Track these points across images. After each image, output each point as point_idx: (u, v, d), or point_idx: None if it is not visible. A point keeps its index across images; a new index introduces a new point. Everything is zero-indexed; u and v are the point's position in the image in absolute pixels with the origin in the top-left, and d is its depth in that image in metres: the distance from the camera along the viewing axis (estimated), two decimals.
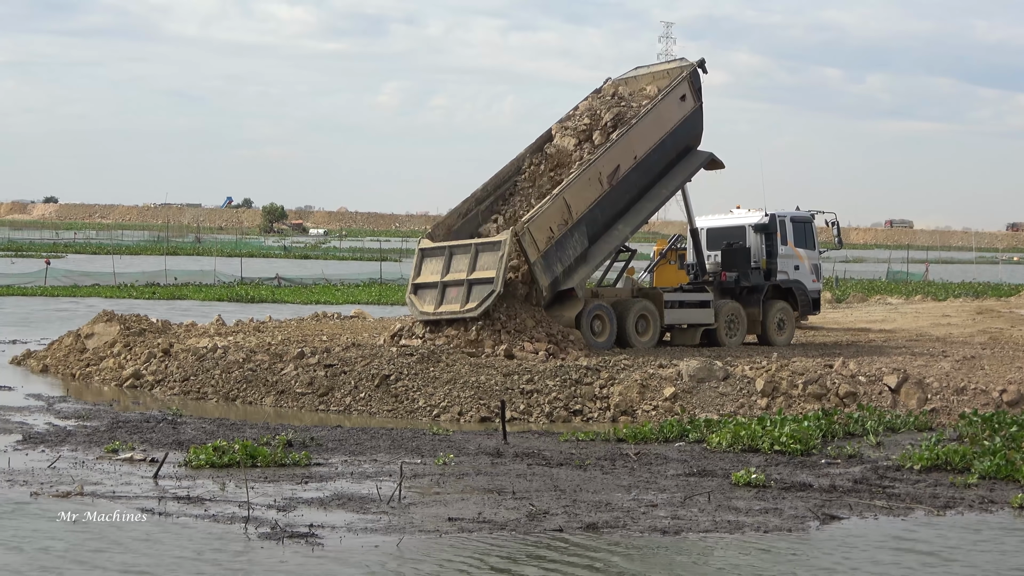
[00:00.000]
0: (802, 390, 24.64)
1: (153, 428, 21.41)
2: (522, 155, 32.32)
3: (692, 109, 32.29)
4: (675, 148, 32.08)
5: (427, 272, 29.49)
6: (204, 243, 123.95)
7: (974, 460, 18.22)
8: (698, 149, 32.81)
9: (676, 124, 31.87)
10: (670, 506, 15.58)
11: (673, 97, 31.89)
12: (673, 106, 31.90)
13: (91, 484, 16.33)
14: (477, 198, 31.54)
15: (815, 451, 19.72)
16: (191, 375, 27.40)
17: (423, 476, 17.30)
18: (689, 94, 32.23)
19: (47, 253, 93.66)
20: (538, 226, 28.64)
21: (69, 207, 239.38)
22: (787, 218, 34.11)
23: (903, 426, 22.32)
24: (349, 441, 20.27)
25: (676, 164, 32.22)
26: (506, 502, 15.60)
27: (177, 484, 16.49)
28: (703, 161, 32.72)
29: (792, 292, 33.72)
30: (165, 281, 64.15)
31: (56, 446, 19.43)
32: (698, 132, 32.67)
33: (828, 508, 15.60)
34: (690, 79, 32.25)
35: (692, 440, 20.86)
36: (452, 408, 24.34)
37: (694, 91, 32.36)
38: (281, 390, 25.91)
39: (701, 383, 24.93)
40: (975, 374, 25.94)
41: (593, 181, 30.02)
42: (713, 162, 32.91)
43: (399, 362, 25.76)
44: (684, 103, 32.13)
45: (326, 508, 15.16)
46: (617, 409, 24.51)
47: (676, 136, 31.96)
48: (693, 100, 32.31)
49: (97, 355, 30.29)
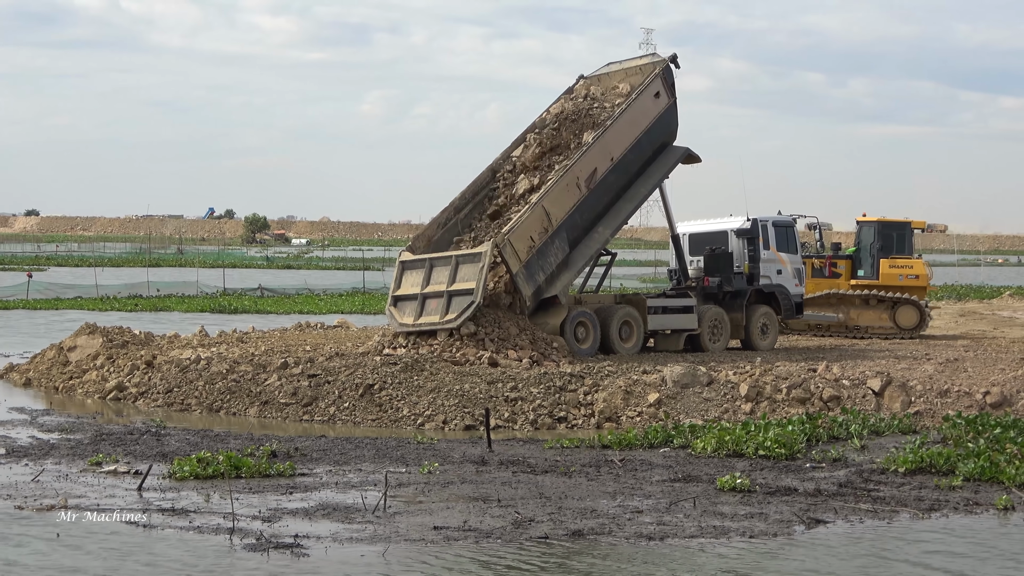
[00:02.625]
0: (786, 394, 24.68)
1: (137, 440, 21.35)
2: (497, 161, 32.29)
3: (667, 105, 32.17)
4: (651, 146, 32.00)
5: (407, 284, 29.43)
6: (186, 254, 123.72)
7: (958, 462, 18.25)
8: (674, 145, 32.72)
9: (651, 122, 31.79)
10: (655, 512, 15.58)
11: (647, 95, 31.77)
12: (648, 104, 31.78)
13: (75, 497, 16.27)
14: (456, 207, 31.49)
15: (800, 455, 19.75)
16: (174, 387, 27.33)
17: (408, 485, 17.28)
18: (663, 90, 32.10)
19: (29, 266, 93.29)
20: (519, 236, 28.59)
21: (50, 220, 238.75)
22: (769, 222, 34.15)
23: (887, 429, 22.36)
24: (334, 451, 20.24)
25: (653, 162, 32.13)
26: (491, 510, 15.58)
27: (161, 496, 16.44)
28: (680, 157, 32.63)
29: (775, 296, 33.76)
30: (148, 293, 63.94)
31: (39, 459, 19.36)
32: (673, 128, 32.58)
33: (813, 512, 15.62)
34: (663, 75, 32.12)
35: (677, 446, 20.87)
36: (436, 417, 24.31)
37: (667, 87, 32.22)
38: (265, 400, 25.86)
39: (685, 389, 24.95)
40: (958, 376, 25.99)
41: (571, 186, 29.96)
42: (690, 157, 32.82)
43: (383, 371, 25.73)
44: (658, 100, 32.02)
45: (311, 518, 15.12)
46: (602, 416, 24.51)
47: (652, 134, 31.87)
48: (667, 96, 32.18)
49: (80, 368, 30.20)
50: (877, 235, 39.05)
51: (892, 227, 39.45)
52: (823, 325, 37.44)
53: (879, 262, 38.68)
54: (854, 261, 39.35)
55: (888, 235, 39.21)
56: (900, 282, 38.39)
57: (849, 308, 38.00)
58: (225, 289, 66.78)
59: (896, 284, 38.36)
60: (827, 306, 37.89)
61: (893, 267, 38.57)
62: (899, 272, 38.51)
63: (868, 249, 39.03)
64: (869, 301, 38.12)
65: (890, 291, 38.03)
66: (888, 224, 39.42)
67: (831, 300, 38.03)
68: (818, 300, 37.73)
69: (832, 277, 38.84)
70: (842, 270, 39.10)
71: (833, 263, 39.00)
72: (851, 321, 37.74)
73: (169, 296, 62.94)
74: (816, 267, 38.79)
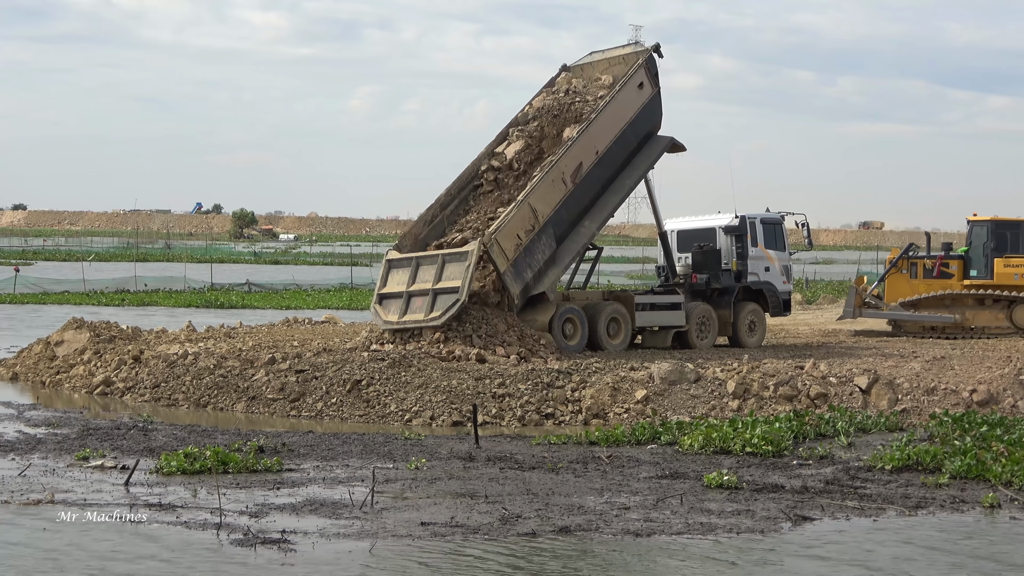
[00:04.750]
0: (773, 392, 24.70)
1: (124, 435, 21.31)
2: (481, 157, 32.22)
3: (650, 95, 32.07)
4: (636, 137, 31.95)
5: (393, 282, 29.40)
6: (174, 249, 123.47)
7: (945, 460, 18.29)
8: (659, 135, 32.68)
9: (636, 113, 31.71)
10: (642, 509, 15.59)
11: (631, 86, 31.68)
12: (632, 95, 31.69)
13: (62, 492, 16.23)
14: (442, 203, 31.44)
15: (787, 452, 19.76)
16: (162, 382, 27.30)
17: (395, 481, 17.27)
18: (646, 81, 32.00)
19: (16, 260, 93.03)
20: (505, 235, 28.55)
21: (38, 214, 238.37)
22: (757, 220, 34.19)
23: (874, 427, 22.38)
24: (321, 446, 20.22)
25: (638, 153, 32.10)
26: (479, 506, 15.58)
27: (148, 491, 16.42)
28: (665, 146, 32.60)
29: (763, 293, 33.79)
30: (135, 287, 63.81)
31: (26, 454, 19.32)
32: (658, 118, 32.52)
33: (800, 509, 15.63)
34: (646, 65, 32.03)
35: (664, 443, 20.88)
36: (424, 412, 24.31)
37: (651, 77, 32.13)
38: (252, 396, 25.84)
39: (673, 385, 24.97)
40: (945, 374, 26.02)
41: (557, 182, 29.92)
42: (675, 145, 32.80)
43: (370, 367, 25.72)
44: (642, 90, 31.92)
45: (298, 514, 15.11)
46: (589, 412, 24.52)
47: (636, 125, 31.81)
48: (651, 86, 32.09)
49: (67, 362, 30.15)
50: (991, 235, 38.70)
51: (1006, 226, 39.00)
52: (938, 326, 37.16)
53: (993, 262, 38.31)
54: (966, 261, 38.90)
55: (1002, 234, 38.73)
56: (1016, 281, 37.98)
57: (964, 309, 37.64)
58: (213, 284, 66.70)
59: (1012, 283, 37.95)
60: (940, 307, 37.44)
61: (1008, 266, 38.07)
62: (1014, 271, 38.06)
63: (982, 249, 38.66)
64: (984, 301, 37.79)
65: (1006, 290, 37.72)
66: (1002, 223, 39.00)
67: (944, 301, 37.57)
68: (930, 301, 37.37)
69: (942, 278, 38.33)
70: (954, 271, 38.55)
71: (944, 264, 38.57)
72: (966, 322, 37.40)
73: (156, 291, 62.84)
74: (927, 268, 38.49)
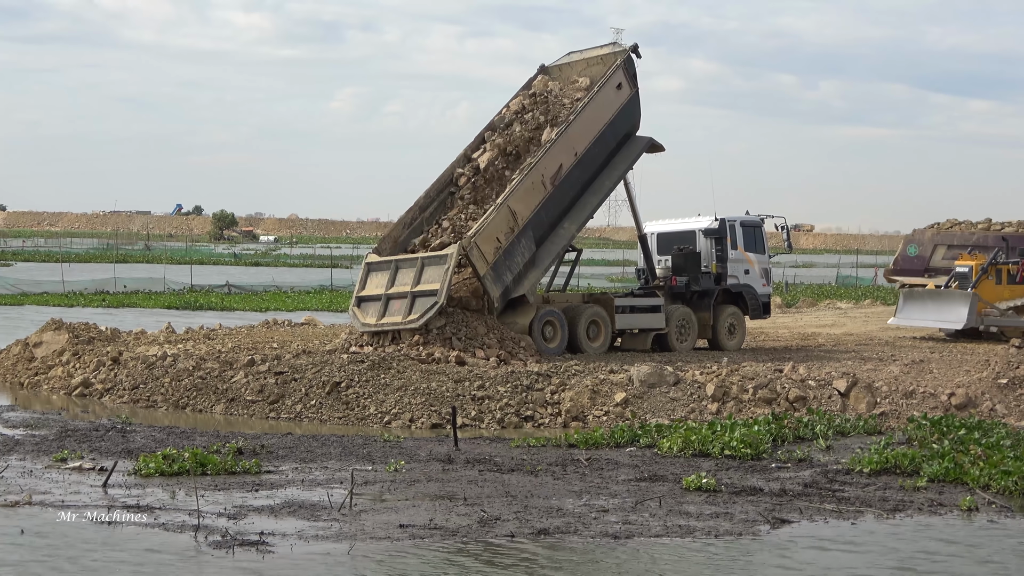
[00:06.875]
0: (752, 395, 24.75)
1: (102, 437, 21.26)
2: (459, 159, 32.23)
3: (629, 96, 32.07)
4: (615, 138, 31.96)
5: (372, 285, 29.39)
6: (154, 250, 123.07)
7: (923, 463, 18.34)
8: (637, 135, 32.70)
9: (614, 114, 31.72)
10: (621, 511, 15.61)
11: (609, 87, 31.67)
12: (610, 96, 31.69)
13: (39, 493, 16.20)
14: (420, 205, 31.45)
15: (765, 455, 19.79)
16: (140, 383, 27.23)
17: (374, 483, 17.26)
18: (625, 82, 32.01)
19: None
20: (485, 238, 28.56)
21: (17, 215, 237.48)
22: (737, 222, 34.21)
23: (853, 430, 22.43)
24: (300, 448, 20.21)
25: (617, 153, 32.12)
26: (457, 508, 15.59)
27: (126, 493, 16.38)
28: (643, 147, 32.62)
29: (743, 296, 33.84)
30: (115, 289, 63.59)
31: (4, 455, 19.25)
32: (636, 119, 32.53)
33: (778, 512, 15.67)
34: (625, 66, 32.03)
35: (643, 445, 20.90)
36: (403, 415, 24.30)
37: (629, 77, 32.13)
38: (231, 398, 25.79)
39: (652, 388, 25.00)
40: (924, 378, 26.12)
41: (536, 185, 29.93)
42: (653, 146, 32.85)
43: (350, 369, 25.71)
44: (620, 91, 31.92)
45: (277, 516, 15.10)
46: (568, 415, 24.53)
47: (615, 126, 31.82)
48: (629, 87, 32.10)
49: (46, 364, 30.07)
50: None
51: None
52: None
53: None
54: None
55: None
56: None
57: None
58: (192, 286, 66.50)
59: None
60: None
61: None
62: None
63: None
64: None
65: None
66: None
67: None
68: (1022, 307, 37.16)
69: None
70: None
71: None
72: None
73: (136, 292, 62.64)
74: (1011, 273, 38.24)
